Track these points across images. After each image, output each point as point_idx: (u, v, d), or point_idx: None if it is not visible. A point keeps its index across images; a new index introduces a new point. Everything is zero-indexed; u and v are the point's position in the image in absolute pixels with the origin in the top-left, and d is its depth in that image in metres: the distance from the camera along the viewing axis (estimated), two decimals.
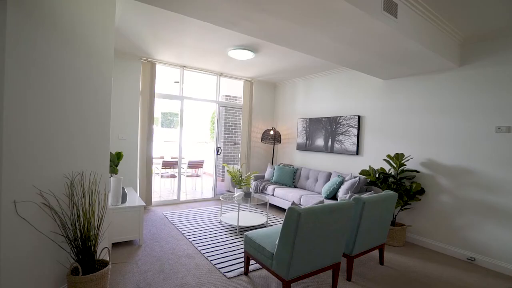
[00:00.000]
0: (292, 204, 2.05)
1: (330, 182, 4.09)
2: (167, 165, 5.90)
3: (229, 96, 7.45)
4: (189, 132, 9.82)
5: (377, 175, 3.63)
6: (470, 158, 3.08)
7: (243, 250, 3.00)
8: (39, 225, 1.82)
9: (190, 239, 3.27)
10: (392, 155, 3.75)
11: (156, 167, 6.22)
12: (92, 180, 2.10)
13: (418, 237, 3.50)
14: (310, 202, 4.01)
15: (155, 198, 5.40)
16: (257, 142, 5.96)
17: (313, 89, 5.24)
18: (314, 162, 5.12)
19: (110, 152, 3.25)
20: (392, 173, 3.62)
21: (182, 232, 3.52)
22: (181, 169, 5.94)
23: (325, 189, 4.07)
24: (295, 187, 4.99)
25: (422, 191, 3.42)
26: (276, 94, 6.19)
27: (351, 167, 4.43)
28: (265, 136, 5.71)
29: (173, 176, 6.03)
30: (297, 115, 5.57)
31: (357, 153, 4.32)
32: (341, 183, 3.97)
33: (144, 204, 3.14)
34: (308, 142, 5.22)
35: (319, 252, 2.10)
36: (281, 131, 5.95)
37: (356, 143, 4.33)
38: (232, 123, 7.57)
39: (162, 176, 6.22)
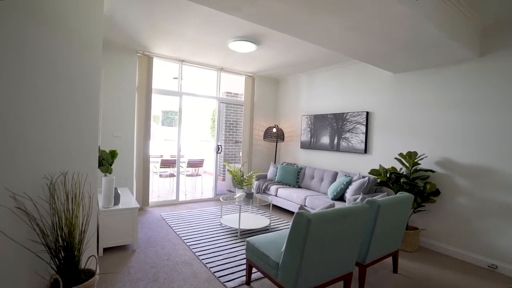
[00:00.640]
0: (300, 209, 1.83)
1: (337, 182, 3.85)
2: (166, 164, 5.68)
3: (230, 93, 7.22)
4: (190, 130, 9.62)
5: (388, 175, 3.40)
6: (492, 157, 2.83)
7: (244, 256, 2.78)
8: (13, 233, 1.61)
9: (188, 243, 3.06)
10: (404, 153, 3.51)
11: (155, 166, 6.01)
12: (76, 181, 1.88)
13: (432, 242, 3.26)
14: (316, 203, 3.78)
15: (153, 198, 5.19)
16: (259, 140, 5.74)
17: (317, 84, 5.00)
18: (319, 161, 4.89)
19: (104, 151, 3.05)
20: (404, 173, 3.38)
21: (180, 235, 3.30)
22: (180, 168, 5.73)
23: (332, 189, 3.84)
24: (299, 187, 4.76)
25: (437, 192, 3.18)
26: (278, 90, 5.95)
27: (359, 166, 4.19)
28: (267, 134, 5.48)
29: (172, 175, 5.82)
30: (301, 111, 5.33)
31: (365, 151, 4.09)
32: (349, 183, 3.74)
33: (138, 206, 2.93)
34: (312, 140, 4.99)
35: (330, 262, 1.87)
36: (284, 128, 5.71)
37: (364, 140, 4.09)
38: (233, 121, 7.34)
39: (161, 176, 6.01)
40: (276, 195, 4.56)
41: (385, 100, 3.88)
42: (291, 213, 4.53)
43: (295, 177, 4.76)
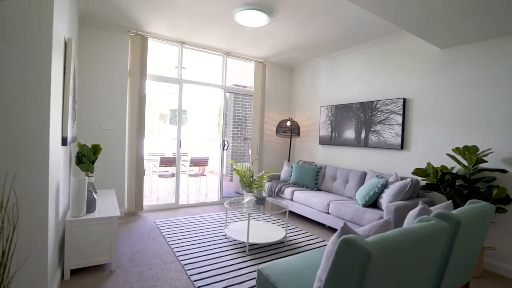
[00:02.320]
0: (343, 230, 1.13)
1: (369, 185, 3.12)
2: (165, 162, 5.05)
3: (239, 85, 6.55)
4: (196, 129, 9.05)
5: (439, 176, 2.64)
6: None
7: (254, 283, 2.10)
8: None
9: (183, 262, 2.40)
10: (460, 148, 2.75)
11: (154, 165, 5.41)
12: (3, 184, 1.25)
13: (501, 264, 2.49)
14: (343, 210, 3.06)
15: (152, 201, 4.59)
16: (271, 135, 5.04)
17: (339, 69, 4.27)
18: (343, 158, 4.15)
19: (84, 145, 2.48)
20: (460, 173, 2.62)
21: (174, 250, 2.65)
22: (182, 166, 5.11)
23: (362, 193, 3.11)
24: (318, 189, 4.04)
25: (507, 200, 2.41)
26: (293, 79, 5.24)
27: (394, 165, 3.44)
28: (280, 128, 4.78)
29: (174, 175, 5.20)
30: (320, 102, 4.61)
31: (402, 147, 3.33)
32: (384, 186, 3.00)
33: (118, 214, 2.29)
34: (334, 134, 4.26)
35: None
36: (299, 122, 5.00)
37: (400, 134, 3.34)
38: (242, 116, 6.67)
39: (161, 176, 5.40)
40: (291, 199, 3.86)
41: (429, 84, 3.12)
42: (310, 221, 3.82)
43: (314, 178, 4.05)
